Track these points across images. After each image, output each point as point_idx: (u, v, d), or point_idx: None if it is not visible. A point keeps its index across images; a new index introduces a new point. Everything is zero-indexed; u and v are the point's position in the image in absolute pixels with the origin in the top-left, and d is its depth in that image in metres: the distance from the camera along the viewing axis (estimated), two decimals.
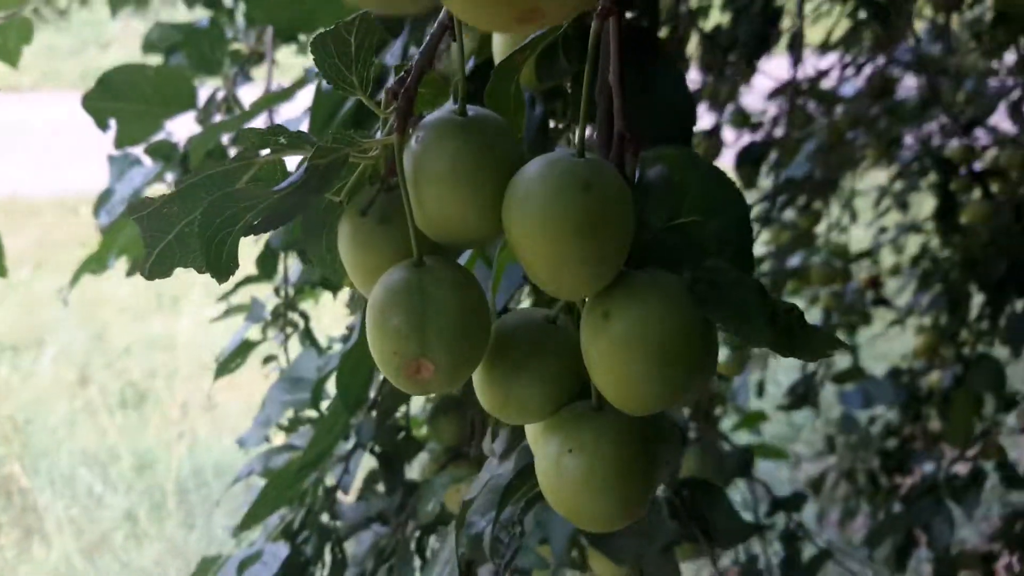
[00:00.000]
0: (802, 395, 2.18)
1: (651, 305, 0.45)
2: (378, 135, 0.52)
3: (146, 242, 0.50)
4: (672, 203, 0.53)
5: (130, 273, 1.29)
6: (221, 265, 0.47)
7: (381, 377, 1.10)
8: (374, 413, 1.11)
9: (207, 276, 0.48)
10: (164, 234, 0.49)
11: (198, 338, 4.51)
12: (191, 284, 4.72)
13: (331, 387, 1.15)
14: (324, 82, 0.57)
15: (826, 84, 2.43)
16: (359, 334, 0.96)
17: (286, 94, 1.03)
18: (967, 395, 2.22)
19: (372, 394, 1.10)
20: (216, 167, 0.48)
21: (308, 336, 1.42)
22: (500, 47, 0.67)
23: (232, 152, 1.32)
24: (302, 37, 1.08)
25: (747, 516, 1.04)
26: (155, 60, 1.39)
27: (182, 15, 1.74)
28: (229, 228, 0.46)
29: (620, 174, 0.48)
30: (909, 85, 2.70)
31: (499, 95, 0.53)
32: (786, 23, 1.92)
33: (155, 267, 0.50)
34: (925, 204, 2.70)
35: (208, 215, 0.45)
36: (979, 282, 2.26)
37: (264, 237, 1.43)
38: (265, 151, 0.50)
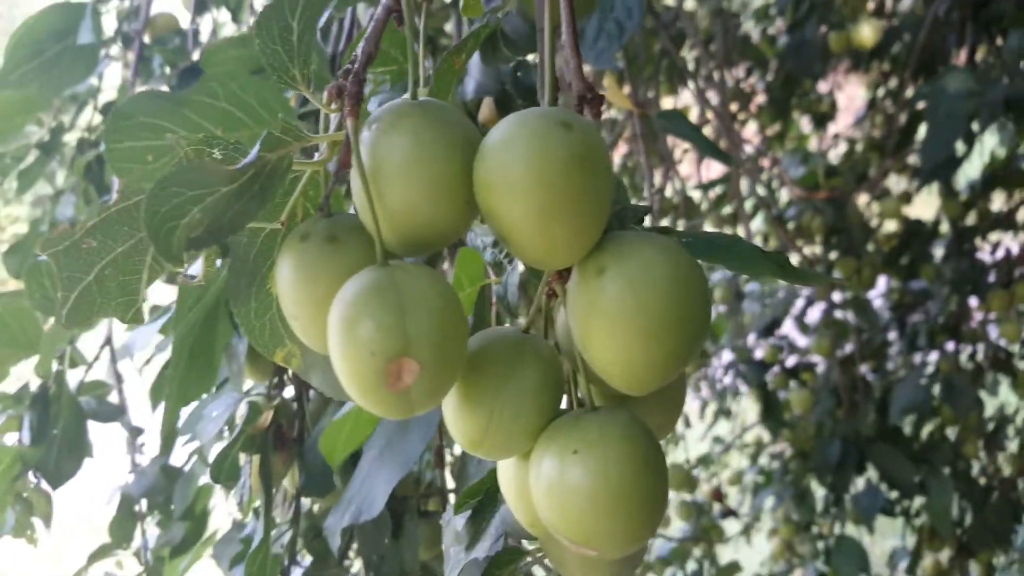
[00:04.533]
0: None
1: (648, 254, 0.43)
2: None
3: (62, 284, 0.44)
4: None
5: None
6: (173, 250, 0.41)
7: None
8: None
9: None
10: (83, 275, 0.44)
11: None
12: None
13: None
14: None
15: None
16: (263, 532, 0.88)
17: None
18: None
19: None
20: (139, 195, 0.43)
21: None
22: None
23: None
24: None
25: None
26: None
27: None
28: (175, 220, 0.41)
29: None
30: None
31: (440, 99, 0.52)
32: None
33: (73, 314, 0.44)
34: (750, 410, 2.84)
35: (152, 204, 0.40)
36: (816, 471, 2.34)
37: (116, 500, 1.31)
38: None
